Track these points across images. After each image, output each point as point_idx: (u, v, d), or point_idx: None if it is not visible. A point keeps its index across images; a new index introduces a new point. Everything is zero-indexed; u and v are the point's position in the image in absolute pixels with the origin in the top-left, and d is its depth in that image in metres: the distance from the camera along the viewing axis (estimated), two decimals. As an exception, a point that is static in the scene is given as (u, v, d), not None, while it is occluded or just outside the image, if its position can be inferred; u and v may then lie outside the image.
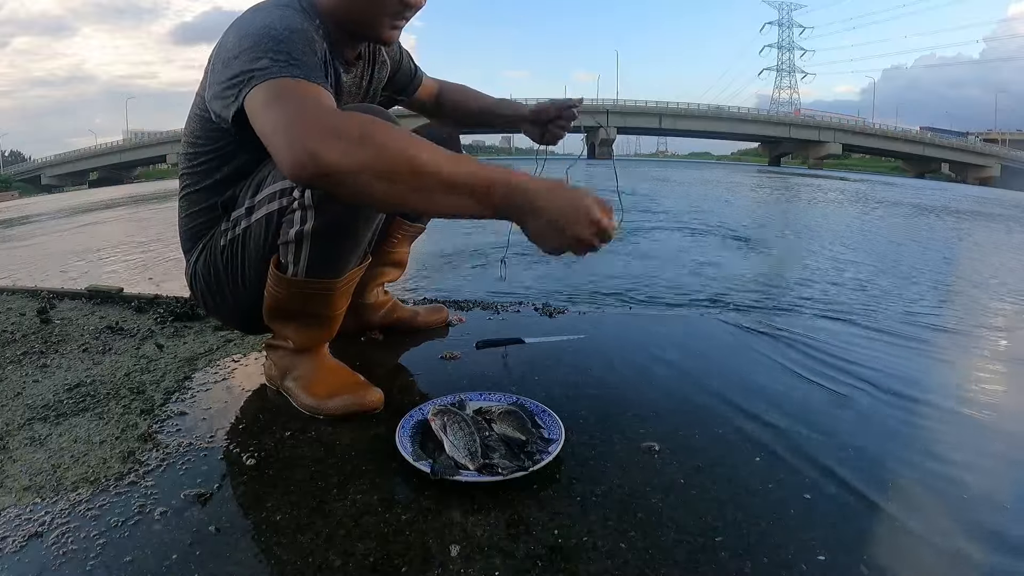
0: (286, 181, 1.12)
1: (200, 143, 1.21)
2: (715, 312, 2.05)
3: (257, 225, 1.18)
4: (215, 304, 1.31)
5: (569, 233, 0.90)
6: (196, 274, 1.29)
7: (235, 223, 1.21)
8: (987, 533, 0.90)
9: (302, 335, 1.27)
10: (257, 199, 1.18)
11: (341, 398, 1.23)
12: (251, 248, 1.20)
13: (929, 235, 5.54)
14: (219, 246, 1.24)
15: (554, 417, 1.15)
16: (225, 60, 1.01)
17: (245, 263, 1.22)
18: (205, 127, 1.17)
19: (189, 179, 1.26)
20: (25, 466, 1.07)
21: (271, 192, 1.15)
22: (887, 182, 19.32)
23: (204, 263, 1.27)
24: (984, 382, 1.55)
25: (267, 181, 1.17)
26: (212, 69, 1.06)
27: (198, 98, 1.17)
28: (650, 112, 61.18)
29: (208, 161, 1.22)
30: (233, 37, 1.03)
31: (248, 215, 1.19)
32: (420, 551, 0.83)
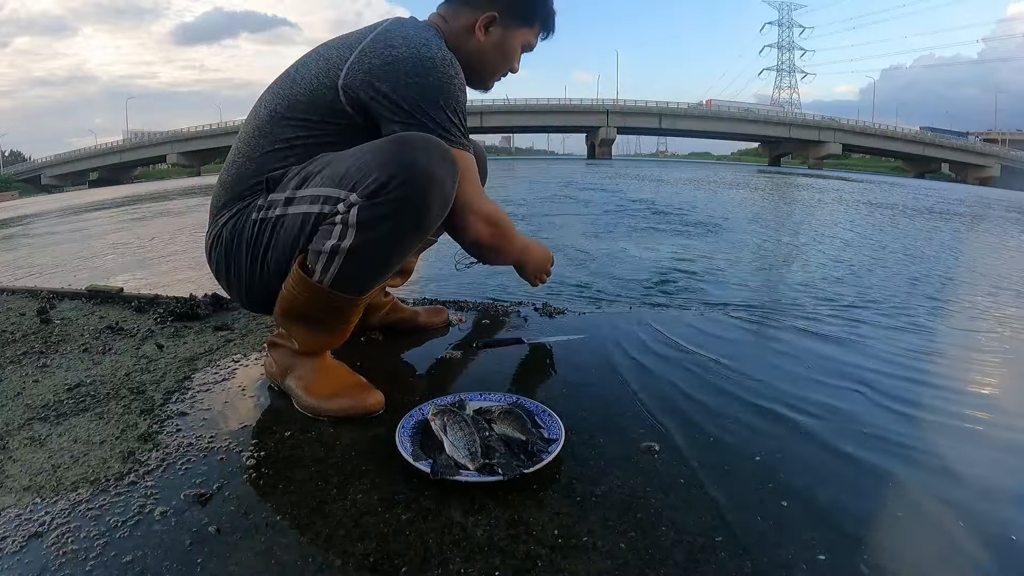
0: (336, 189, 1.15)
1: (302, 114, 1.27)
2: (715, 311, 2.05)
3: (293, 219, 1.20)
4: (227, 272, 1.33)
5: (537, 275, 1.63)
6: (221, 237, 1.30)
7: (271, 205, 1.24)
8: (988, 532, 0.90)
9: (311, 340, 1.27)
10: (300, 193, 1.20)
11: (342, 400, 1.23)
12: (280, 238, 1.23)
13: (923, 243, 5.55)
14: (250, 219, 1.26)
15: (554, 417, 1.15)
16: (413, 80, 1.21)
17: (270, 249, 1.24)
18: (319, 102, 1.26)
19: (263, 140, 1.29)
20: (25, 466, 1.07)
21: (316, 194, 1.18)
22: (885, 182, 19.30)
23: (232, 228, 1.28)
24: (976, 379, 1.55)
25: (315, 180, 1.19)
26: (366, 68, 1.22)
27: (311, 71, 1.28)
28: (650, 112, 61.17)
29: (295, 126, 1.27)
30: (415, 60, 1.22)
31: (286, 205, 1.22)
32: (420, 551, 0.83)
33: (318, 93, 1.25)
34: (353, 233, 1.13)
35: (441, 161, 1.15)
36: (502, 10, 1.41)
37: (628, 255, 3.25)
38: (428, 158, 1.14)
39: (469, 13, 1.40)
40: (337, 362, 1.33)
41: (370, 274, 1.22)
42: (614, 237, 3.97)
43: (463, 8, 1.41)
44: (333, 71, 1.24)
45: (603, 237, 3.96)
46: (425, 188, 1.13)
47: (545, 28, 1.50)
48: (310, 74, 1.28)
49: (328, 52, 1.29)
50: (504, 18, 1.41)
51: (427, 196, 1.14)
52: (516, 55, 1.47)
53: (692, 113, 61.94)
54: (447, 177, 1.17)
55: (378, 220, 1.13)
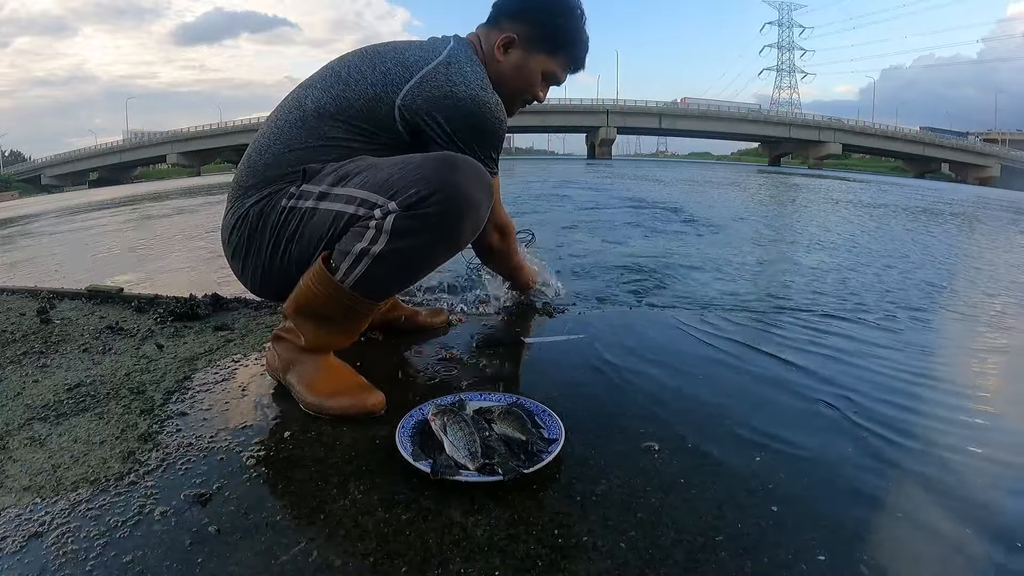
0: (375, 194, 1.17)
1: (353, 120, 1.31)
2: (715, 312, 2.05)
3: (324, 214, 1.22)
4: (245, 254, 1.33)
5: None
6: (247, 217, 1.31)
7: (304, 196, 1.26)
8: (988, 532, 0.90)
9: (319, 338, 1.28)
10: (336, 191, 1.22)
11: (343, 398, 1.23)
12: (308, 229, 1.24)
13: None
14: (280, 205, 1.28)
15: (554, 417, 1.15)
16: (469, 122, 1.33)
17: (295, 238, 1.26)
18: (372, 114, 1.31)
19: (306, 133, 1.32)
20: (25, 466, 1.07)
21: (353, 195, 1.19)
22: (882, 182, 19.29)
23: (260, 210, 1.29)
24: (975, 380, 1.55)
25: (353, 180, 1.21)
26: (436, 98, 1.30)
27: (367, 80, 1.32)
28: (650, 112, 61.14)
29: (344, 129, 1.32)
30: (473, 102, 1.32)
31: (319, 199, 1.23)
32: (420, 551, 0.83)
33: (373, 104, 1.30)
34: (385, 240, 1.15)
35: (481, 187, 1.20)
36: (523, 34, 1.47)
37: (606, 250, 3.26)
38: (470, 182, 1.17)
39: (497, 34, 1.47)
40: (339, 361, 1.33)
41: (393, 282, 1.24)
42: (608, 234, 3.97)
43: (494, 29, 1.48)
44: (392, 88, 1.30)
45: (593, 232, 3.97)
46: (463, 209, 1.17)
47: (572, 61, 1.55)
48: (366, 82, 1.31)
49: (386, 67, 1.33)
50: (525, 42, 1.47)
51: (463, 217, 1.18)
52: (536, 81, 1.52)
53: (692, 113, 61.89)
54: (483, 202, 1.21)
55: (412, 231, 1.15)
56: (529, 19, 1.47)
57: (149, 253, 3.95)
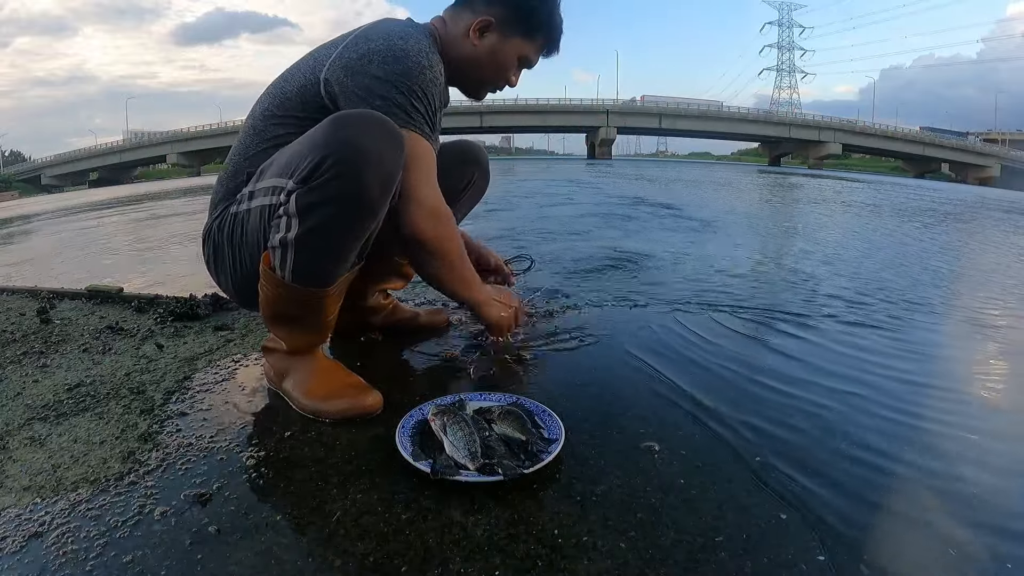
0: (280, 178, 1.14)
1: (291, 112, 1.28)
2: (714, 312, 2.05)
3: (255, 213, 1.21)
4: (216, 269, 1.35)
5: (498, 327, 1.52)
6: (211, 232, 1.32)
7: (241, 200, 1.25)
8: (988, 532, 0.90)
9: (295, 338, 1.28)
10: (259, 186, 1.21)
11: (340, 401, 1.23)
12: (248, 233, 1.23)
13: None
14: (230, 212, 1.28)
15: (554, 417, 1.15)
16: (380, 68, 1.21)
17: (243, 245, 1.25)
18: (305, 99, 1.27)
19: (255, 138, 1.30)
20: (25, 466, 1.07)
21: (267, 185, 1.18)
22: (880, 181, 19.29)
23: (220, 224, 1.30)
24: (975, 380, 1.55)
25: (269, 170, 1.20)
26: (343, 58, 1.23)
27: (301, 70, 1.29)
28: (650, 112, 61.19)
29: (284, 124, 1.28)
30: (387, 50, 1.22)
31: (250, 199, 1.23)
32: (420, 551, 0.83)
33: (305, 90, 1.27)
34: (296, 223, 1.11)
35: (378, 135, 1.10)
36: (500, 17, 1.41)
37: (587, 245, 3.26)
38: (363, 134, 1.08)
39: (469, 17, 1.41)
40: (333, 362, 1.33)
41: (326, 263, 1.18)
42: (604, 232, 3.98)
43: (464, 12, 1.42)
44: (318, 67, 1.26)
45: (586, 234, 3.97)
46: (358, 165, 1.08)
47: (548, 45, 1.50)
48: (300, 72, 1.30)
49: (318, 51, 1.31)
50: (501, 25, 1.41)
51: (362, 173, 1.08)
52: (511, 66, 1.47)
53: (692, 113, 61.91)
54: (385, 151, 1.10)
55: (316, 206, 1.10)
56: (506, 3, 1.41)
57: (149, 253, 3.95)
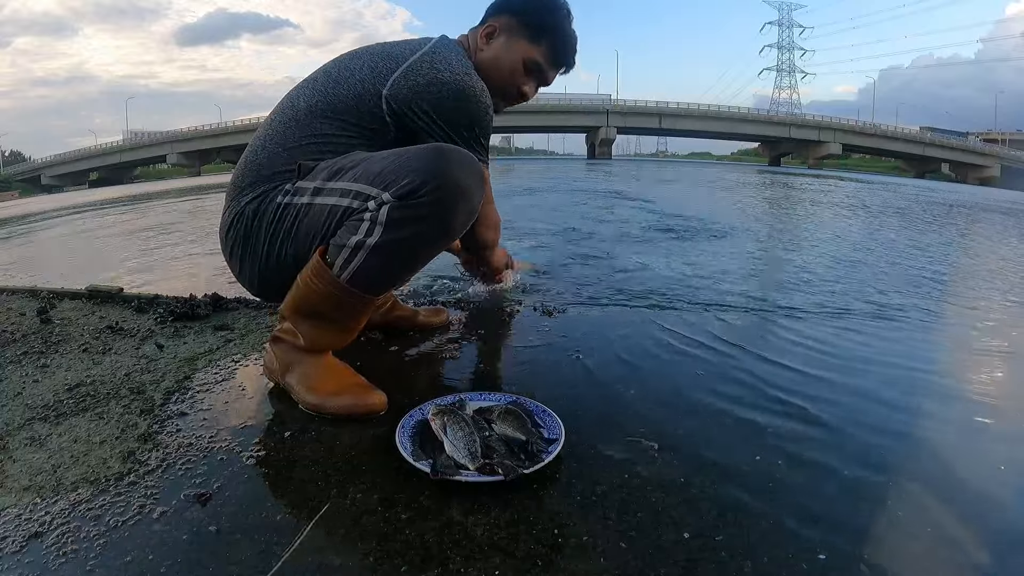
0: (369, 186, 1.18)
1: (343, 115, 1.34)
2: (713, 312, 2.05)
3: (320, 209, 1.23)
4: (241, 253, 1.35)
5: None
6: (243, 215, 1.33)
7: (299, 192, 1.27)
8: (988, 532, 0.90)
9: (318, 337, 1.27)
10: (330, 185, 1.23)
11: (344, 398, 1.23)
12: (304, 226, 1.25)
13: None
14: (275, 202, 1.29)
15: (554, 417, 1.15)
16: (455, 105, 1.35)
17: (291, 235, 1.27)
18: (361, 108, 1.34)
19: (299, 130, 1.34)
20: (25, 466, 1.07)
21: (347, 188, 1.21)
22: (878, 182, 19.27)
23: (256, 209, 1.31)
24: (976, 377, 1.55)
25: (348, 175, 1.22)
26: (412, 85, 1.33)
27: (357, 77, 1.35)
28: (650, 112, 61.16)
29: (335, 125, 1.34)
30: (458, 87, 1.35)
31: (314, 194, 1.25)
32: (420, 550, 0.83)
33: (361, 99, 1.32)
34: (380, 231, 1.16)
35: (473, 175, 1.20)
36: (505, 23, 1.51)
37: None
38: (461, 171, 1.17)
39: (480, 29, 1.52)
40: (338, 361, 1.33)
41: (389, 274, 1.23)
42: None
43: (478, 27, 1.54)
44: (379, 80, 1.32)
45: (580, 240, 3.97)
46: (456, 198, 1.17)
47: (554, 53, 1.55)
48: (354, 78, 1.34)
49: (374, 61, 1.36)
50: (506, 29, 1.50)
51: (456, 206, 1.18)
52: (517, 69, 1.52)
53: (692, 113, 61.90)
54: (476, 191, 1.21)
55: (407, 222, 1.16)
56: (513, 10, 1.52)
57: (149, 253, 3.95)
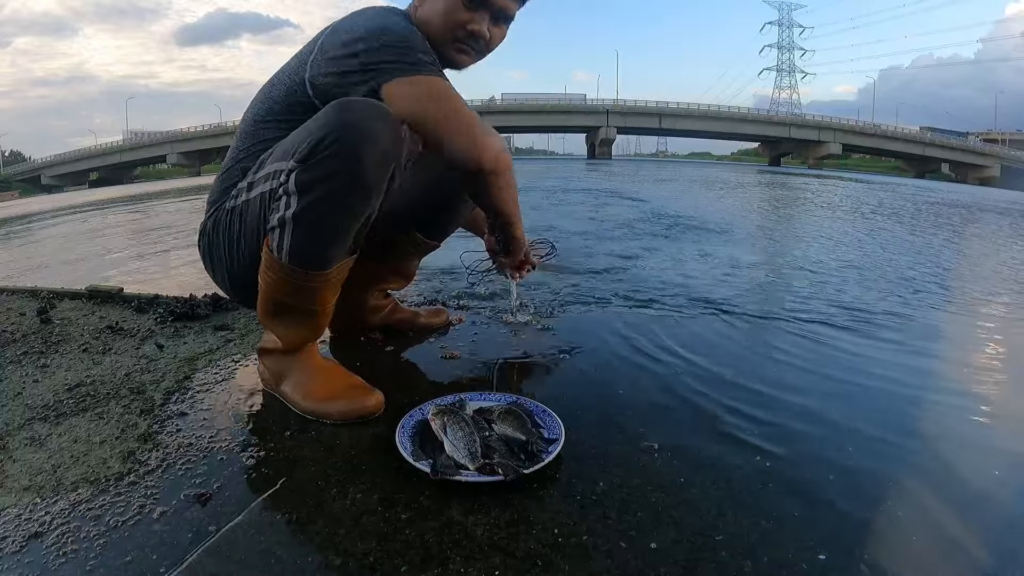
0: (280, 162, 1.15)
1: (280, 115, 1.27)
2: (713, 312, 2.05)
3: (254, 202, 1.21)
4: (212, 264, 1.34)
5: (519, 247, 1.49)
6: (205, 229, 1.33)
7: (238, 194, 1.25)
8: (987, 532, 0.90)
9: (291, 332, 1.27)
10: (257, 176, 1.22)
11: (340, 402, 1.22)
12: (247, 224, 1.23)
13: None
14: (225, 208, 1.28)
15: (554, 417, 1.15)
16: (346, 48, 1.17)
17: (241, 237, 1.25)
18: (292, 102, 1.26)
19: (247, 141, 1.30)
20: (25, 466, 1.07)
21: (267, 172, 1.19)
22: (875, 182, 19.28)
23: (214, 221, 1.30)
24: (976, 377, 1.55)
25: (267, 160, 1.20)
26: (323, 55, 1.20)
27: (287, 73, 1.28)
28: (650, 112, 61.18)
29: (274, 127, 1.27)
30: (353, 30, 1.18)
31: (248, 190, 1.23)
32: (420, 550, 0.83)
33: (292, 92, 1.26)
34: (295, 200, 1.13)
35: (376, 117, 1.11)
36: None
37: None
38: (361, 117, 1.10)
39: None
40: (331, 362, 1.32)
41: (322, 242, 1.18)
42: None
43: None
44: (302, 68, 1.25)
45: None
46: (357, 144, 1.09)
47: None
48: (285, 75, 1.29)
49: (301, 51, 1.29)
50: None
51: (361, 152, 1.10)
52: (455, 5, 1.29)
53: (692, 113, 61.94)
54: (381, 133, 1.11)
55: (316, 182, 1.11)
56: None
57: (150, 253, 3.95)
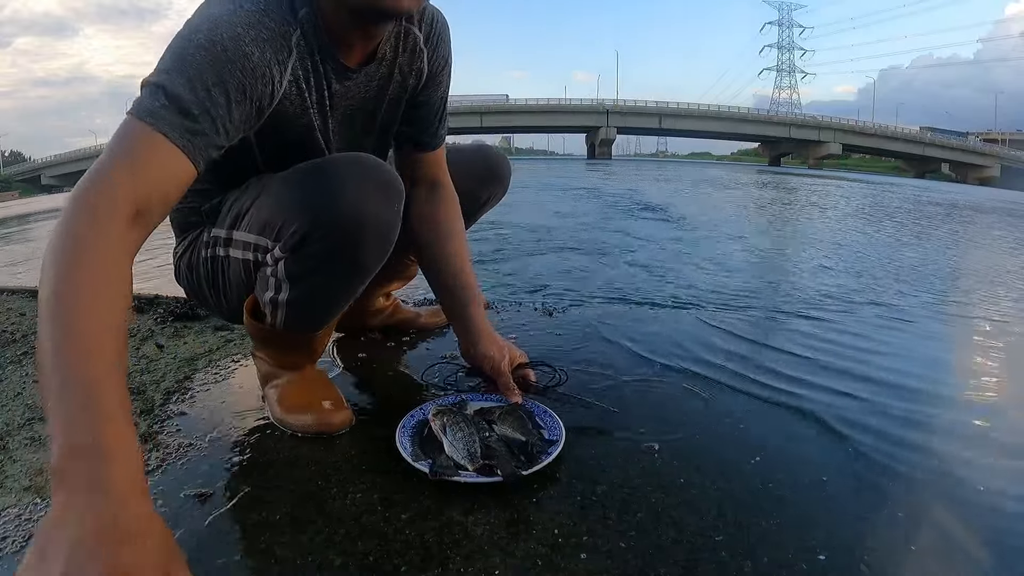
0: (261, 237, 1.05)
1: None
2: (710, 312, 2.05)
3: (235, 263, 1.13)
4: (197, 299, 1.29)
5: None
6: (180, 270, 1.25)
7: (215, 242, 1.15)
8: (987, 532, 0.90)
9: (282, 359, 1.25)
10: (235, 235, 1.11)
11: (305, 416, 1.17)
12: (231, 278, 1.16)
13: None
14: (201, 256, 1.19)
15: (555, 417, 1.15)
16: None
17: (226, 285, 1.18)
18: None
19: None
20: (25, 466, 1.07)
21: (247, 240, 1.09)
22: (872, 182, 19.28)
23: (188, 264, 1.22)
24: (975, 376, 1.55)
25: (244, 222, 1.09)
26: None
27: None
28: (650, 112, 61.29)
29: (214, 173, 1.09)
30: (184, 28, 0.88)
31: (226, 245, 1.13)
32: (420, 550, 0.83)
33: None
34: (287, 287, 1.07)
35: (374, 197, 1.00)
36: None
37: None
38: (355, 196, 0.98)
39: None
40: (317, 373, 1.29)
41: (320, 316, 1.17)
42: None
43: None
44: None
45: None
46: (355, 233, 0.99)
47: None
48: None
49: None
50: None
51: (359, 240, 1.01)
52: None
53: (692, 113, 62.06)
54: (384, 213, 1.01)
55: (308, 273, 1.05)
56: None
57: (150, 253, 3.94)
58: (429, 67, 1.19)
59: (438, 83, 1.25)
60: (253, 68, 0.88)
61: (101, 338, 0.66)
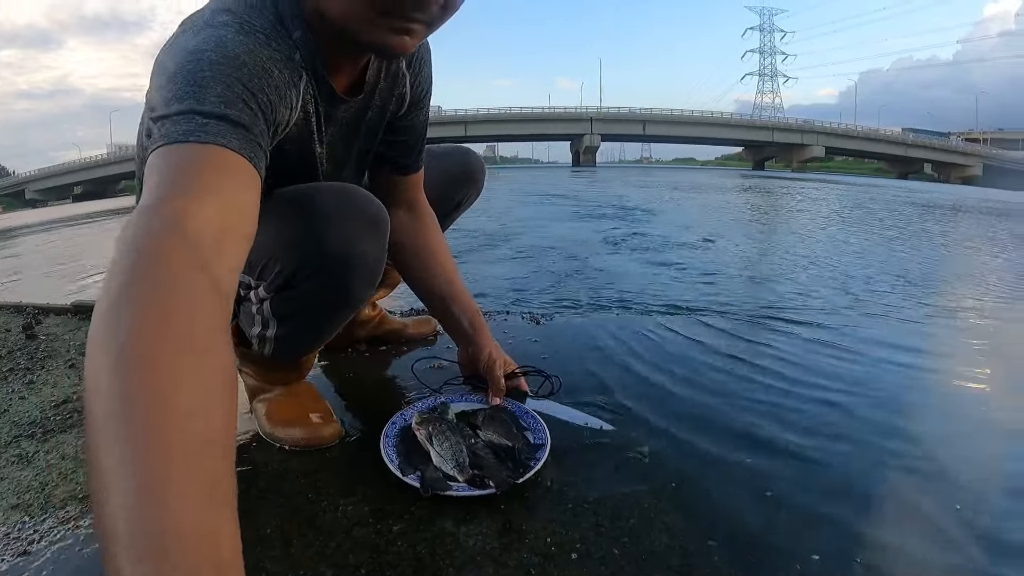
0: (245, 275, 1.01)
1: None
2: (707, 315, 2.06)
3: None
4: None
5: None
6: None
7: None
8: (984, 533, 0.90)
9: (270, 377, 1.25)
10: None
11: (295, 429, 1.17)
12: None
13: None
14: None
15: (537, 419, 1.15)
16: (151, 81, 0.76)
17: None
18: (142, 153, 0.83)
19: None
20: (13, 484, 1.06)
21: None
22: (854, 183, 19.45)
23: None
24: (974, 375, 1.57)
25: None
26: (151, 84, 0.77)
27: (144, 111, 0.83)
28: (634, 119, 61.63)
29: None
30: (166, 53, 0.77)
31: None
32: (412, 561, 0.83)
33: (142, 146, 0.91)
34: (274, 324, 1.08)
35: (363, 235, 0.97)
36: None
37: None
38: (342, 235, 0.95)
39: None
40: (305, 386, 1.28)
41: (308, 346, 1.19)
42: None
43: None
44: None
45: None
46: (342, 273, 0.99)
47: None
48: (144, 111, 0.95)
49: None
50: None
51: (346, 281, 1.00)
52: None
53: (675, 119, 62.48)
54: (371, 247, 0.99)
55: (295, 312, 1.06)
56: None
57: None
58: (412, 91, 1.14)
59: (420, 107, 1.20)
60: (276, 87, 0.78)
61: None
